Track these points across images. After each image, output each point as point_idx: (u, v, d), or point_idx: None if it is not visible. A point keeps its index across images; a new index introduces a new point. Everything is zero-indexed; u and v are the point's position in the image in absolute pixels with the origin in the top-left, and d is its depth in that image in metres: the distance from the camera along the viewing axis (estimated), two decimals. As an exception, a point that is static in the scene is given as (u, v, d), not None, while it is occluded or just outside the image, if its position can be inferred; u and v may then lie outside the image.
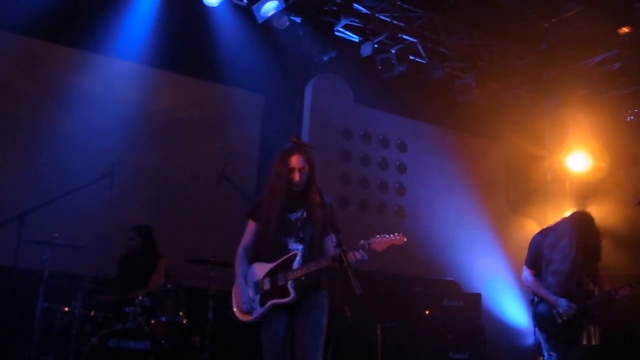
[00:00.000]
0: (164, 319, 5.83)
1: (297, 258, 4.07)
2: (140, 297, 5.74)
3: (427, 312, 7.80)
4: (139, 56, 7.32)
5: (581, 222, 5.29)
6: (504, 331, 9.07)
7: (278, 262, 4.09)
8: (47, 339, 5.59)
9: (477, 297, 8.26)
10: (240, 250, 4.28)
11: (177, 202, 7.48)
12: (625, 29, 7.47)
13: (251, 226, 4.28)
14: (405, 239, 4.14)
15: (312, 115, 8.54)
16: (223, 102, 8.09)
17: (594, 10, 7.26)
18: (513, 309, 9.32)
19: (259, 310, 4.04)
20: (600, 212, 9.31)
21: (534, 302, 5.35)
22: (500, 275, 9.27)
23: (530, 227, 9.38)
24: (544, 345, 5.28)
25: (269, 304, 4.03)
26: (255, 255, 4.25)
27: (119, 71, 7.36)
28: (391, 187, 9.17)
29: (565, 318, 5.11)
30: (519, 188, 10.10)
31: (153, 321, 5.78)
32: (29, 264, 5.62)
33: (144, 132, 7.51)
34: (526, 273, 5.37)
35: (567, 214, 5.53)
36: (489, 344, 7.96)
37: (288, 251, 4.11)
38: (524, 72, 8.99)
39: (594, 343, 5.14)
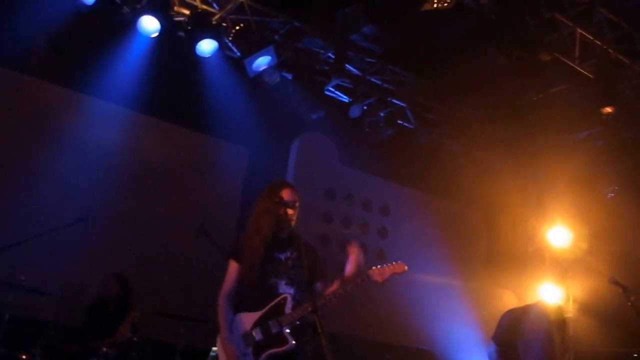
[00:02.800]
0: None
1: (289, 301, 3.83)
2: (105, 349, 5.52)
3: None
4: (127, 100, 7.29)
5: (549, 315, 5.28)
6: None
7: (266, 308, 3.82)
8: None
9: (452, 368, 8.08)
10: (223, 299, 3.88)
11: (152, 252, 7.31)
12: (608, 109, 7.61)
13: (233, 268, 3.93)
14: (405, 267, 4.00)
15: (295, 172, 8.51)
16: (207, 153, 8.05)
17: (580, 89, 7.42)
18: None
19: None
20: (579, 289, 9.36)
21: None
22: (476, 347, 9.11)
23: (508, 299, 9.30)
24: None
25: (264, 355, 3.74)
26: (239, 301, 3.90)
27: (105, 113, 7.30)
28: (371, 251, 9.07)
29: None
30: (499, 258, 10.06)
31: (116, 375, 5.55)
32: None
33: (125, 177, 7.40)
34: (492, 349, 5.34)
35: (536, 301, 5.51)
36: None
37: (277, 294, 3.85)
38: (510, 143, 9.08)
39: None
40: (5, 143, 6.81)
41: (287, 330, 3.77)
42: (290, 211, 3.95)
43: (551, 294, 8.91)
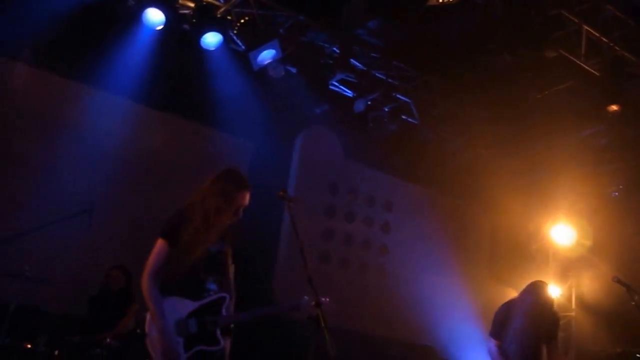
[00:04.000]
0: (130, 364, 5.64)
1: (226, 303, 3.77)
2: (108, 340, 5.55)
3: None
4: (131, 92, 7.26)
5: (536, 297, 5.30)
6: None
7: (205, 302, 3.73)
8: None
9: (453, 364, 8.10)
10: (151, 279, 3.73)
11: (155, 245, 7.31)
12: (614, 107, 7.59)
13: (164, 249, 3.78)
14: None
15: (299, 166, 8.51)
16: (211, 146, 8.04)
17: (585, 86, 7.39)
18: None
19: (183, 356, 3.63)
20: (582, 287, 9.37)
21: None
22: (478, 343, 9.12)
23: (510, 296, 9.28)
24: None
25: (195, 349, 3.65)
26: (166, 284, 3.77)
27: (109, 106, 7.29)
28: (374, 246, 9.08)
29: None
30: (502, 255, 10.07)
31: (119, 366, 5.58)
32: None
33: (128, 169, 7.40)
34: (490, 344, 5.37)
35: (527, 285, 5.51)
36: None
37: (208, 290, 3.75)
38: (514, 140, 9.07)
39: None
40: (9, 135, 6.80)
41: (219, 331, 3.72)
42: (240, 215, 3.89)
43: (553, 292, 8.91)
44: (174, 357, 3.61)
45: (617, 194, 9.09)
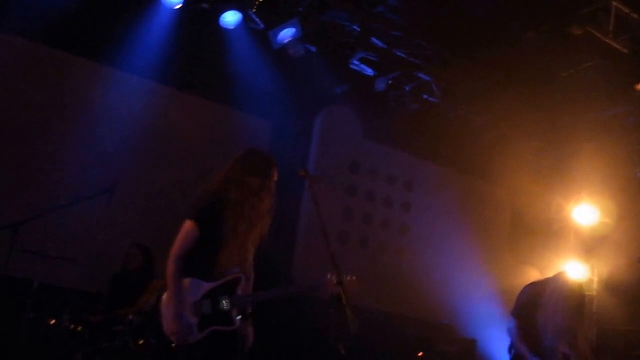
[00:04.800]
0: (152, 340, 5.69)
1: (242, 282, 3.80)
2: (130, 316, 5.62)
3: (420, 355, 7.65)
4: (150, 72, 7.27)
5: (570, 287, 5.26)
6: (498, 380, 8.90)
7: (220, 282, 3.75)
8: (31, 352, 5.46)
9: (472, 343, 8.10)
10: (178, 262, 3.71)
11: (176, 224, 7.36)
12: (641, 85, 7.46)
13: (194, 233, 3.75)
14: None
15: (319, 146, 8.49)
16: (231, 125, 8.04)
17: (612, 64, 7.24)
18: (506, 358, 9.14)
19: (197, 335, 3.69)
20: (604, 267, 9.29)
21: (511, 352, 5.35)
22: (497, 322, 9.10)
23: (532, 275, 9.25)
24: None
25: (209, 329, 3.70)
26: (186, 265, 3.76)
27: (128, 85, 7.30)
28: (394, 225, 9.07)
29: None
30: (522, 235, 10.01)
31: (141, 342, 5.64)
32: (20, 274, 5.51)
33: (149, 149, 7.45)
34: (512, 324, 5.35)
35: (556, 273, 5.48)
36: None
37: (227, 272, 3.79)
38: (537, 119, 8.95)
39: None
40: (31, 115, 6.86)
41: (235, 311, 3.74)
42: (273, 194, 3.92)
43: (575, 272, 8.85)
44: (182, 341, 3.68)
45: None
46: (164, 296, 3.82)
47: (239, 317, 3.81)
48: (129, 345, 5.50)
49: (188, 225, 3.79)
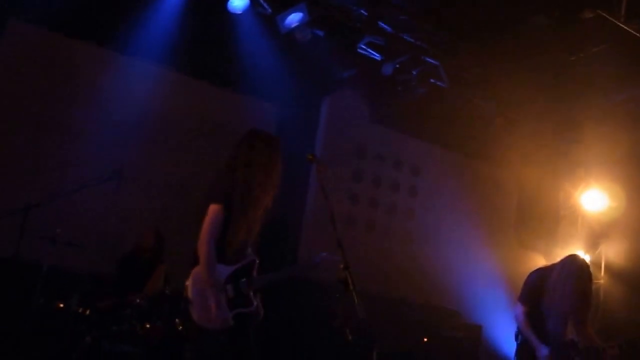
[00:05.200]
0: (159, 324, 5.74)
1: (256, 265, 3.92)
2: (138, 300, 5.66)
3: (425, 340, 7.68)
4: (158, 57, 7.27)
5: (578, 269, 5.24)
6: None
7: (238, 266, 3.86)
8: (40, 335, 5.52)
9: (478, 329, 8.11)
10: (212, 245, 3.76)
11: (183, 208, 7.41)
12: (654, 69, 7.39)
13: (221, 215, 3.79)
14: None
15: (326, 130, 8.48)
16: (238, 110, 8.04)
17: (624, 48, 7.16)
18: (513, 344, 9.16)
19: (226, 319, 3.78)
20: (613, 254, 9.26)
21: (518, 338, 5.38)
22: (503, 308, 9.12)
23: (538, 262, 9.24)
24: None
25: (234, 312, 3.79)
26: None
27: (136, 71, 7.31)
28: (400, 211, 9.06)
29: None
30: (529, 221, 9.98)
31: (148, 325, 5.69)
32: (29, 258, 5.55)
33: (157, 134, 7.46)
34: (519, 310, 5.35)
35: (564, 257, 5.46)
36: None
37: (245, 255, 3.91)
38: (545, 104, 8.89)
39: None
40: (39, 101, 6.89)
41: (254, 293, 3.86)
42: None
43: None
44: (221, 327, 3.73)
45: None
46: (191, 284, 3.83)
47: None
48: (136, 329, 5.56)
49: (216, 208, 3.82)
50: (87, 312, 5.64)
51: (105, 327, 5.53)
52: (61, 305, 5.60)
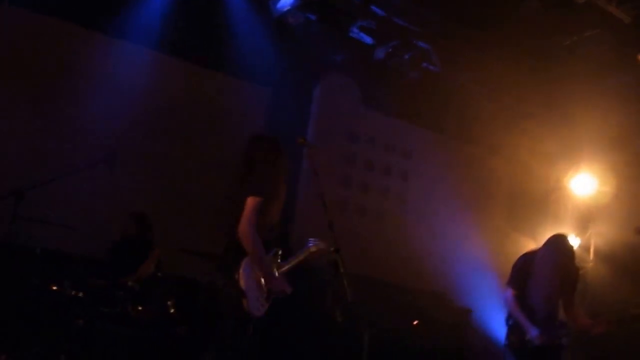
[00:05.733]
0: (151, 306, 5.79)
1: (280, 252, 4.14)
2: (130, 283, 5.70)
3: (416, 323, 7.75)
4: (150, 41, 7.26)
5: (561, 250, 5.32)
6: (492, 349, 9.01)
7: (269, 255, 4.08)
8: (33, 317, 5.55)
9: (468, 312, 8.18)
10: (257, 233, 3.95)
11: (175, 191, 7.42)
12: (643, 56, 7.42)
13: (260, 210, 4.01)
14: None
15: (318, 114, 8.47)
16: (230, 93, 8.02)
17: (614, 34, 7.19)
18: (503, 327, 9.26)
19: (266, 305, 4.00)
20: (601, 238, 9.35)
21: (508, 322, 5.46)
22: (493, 292, 9.20)
23: (528, 246, 9.28)
24: None
25: (271, 298, 4.03)
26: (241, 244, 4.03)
27: (128, 55, 7.28)
28: (392, 194, 9.10)
29: (534, 345, 5.16)
30: (520, 205, 10.04)
31: (140, 308, 5.73)
32: (23, 242, 5.58)
33: (150, 118, 7.44)
34: (508, 293, 5.43)
35: (548, 238, 5.52)
36: (475, 360, 7.92)
37: (268, 243, 4.10)
38: (536, 88, 8.92)
39: None
40: (31, 85, 6.85)
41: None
42: None
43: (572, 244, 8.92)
44: (262, 313, 3.96)
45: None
46: (245, 275, 3.94)
47: None
48: (128, 311, 5.60)
49: (257, 201, 3.97)
50: (80, 294, 5.67)
51: (97, 309, 5.56)
52: (54, 288, 5.62)
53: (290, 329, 7.21)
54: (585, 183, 9.49)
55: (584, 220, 9.52)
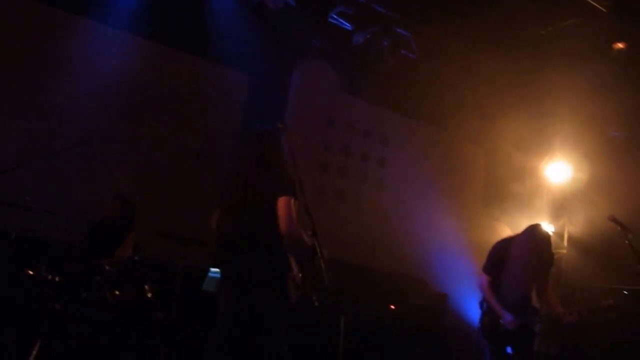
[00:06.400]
0: (128, 290, 5.77)
1: None
2: (107, 267, 5.67)
3: (392, 308, 7.83)
4: (127, 24, 7.18)
5: (537, 237, 5.40)
6: (468, 333, 9.14)
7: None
8: (10, 302, 5.50)
9: (444, 297, 8.27)
10: None
11: (152, 175, 7.39)
12: (619, 45, 7.50)
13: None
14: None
15: (296, 99, 8.46)
16: (208, 78, 7.98)
17: (591, 23, 7.26)
18: (477, 312, 9.38)
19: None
20: (575, 224, 9.50)
21: (482, 307, 5.56)
22: (469, 278, 9.31)
23: (504, 233, 9.43)
24: (485, 350, 5.49)
25: None
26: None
27: (105, 38, 7.21)
28: (369, 180, 9.15)
29: (506, 330, 5.26)
30: (496, 192, 10.15)
31: (117, 292, 5.71)
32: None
33: (126, 101, 7.38)
34: (483, 279, 5.50)
35: (526, 227, 5.61)
36: (451, 345, 8.02)
37: None
38: (513, 78, 8.99)
39: (527, 356, 5.37)
40: (6, 67, 6.74)
41: None
42: None
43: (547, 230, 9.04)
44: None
45: (617, 134, 9.09)
46: (296, 267, 4.17)
47: None
48: (106, 295, 5.57)
49: (294, 202, 4.10)
50: (57, 278, 5.63)
51: (74, 293, 5.53)
52: (30, 272, 5.57)
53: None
54: (559, 171, 9.63)
55: (558, 207, 9.67)
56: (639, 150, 8.67)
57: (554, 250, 5.77)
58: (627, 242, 5.21)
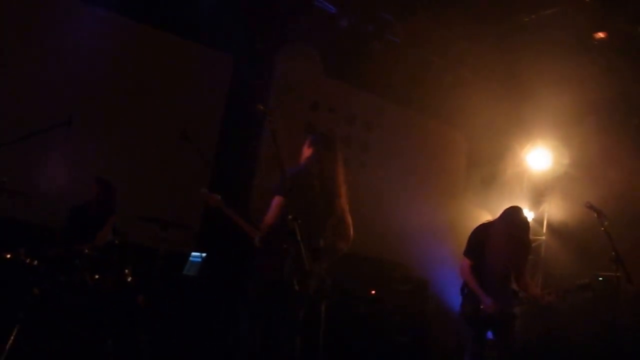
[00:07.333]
0: (109, 275, 5.72)
1: None
2: (86, 251, 5.62)
3: (373, 293, 7.86)
4: (112, 3, 7.10)
5: (515, 221, 5.45)
6: (449, 318, 9.22)
7: None
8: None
9: (425, 283, 8.32)
10: None
11: (134, 157, 7.32)
12: (601, 34, 7.54)
13: None
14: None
15: (280, 82, 8.40)
16: (192, 59, 7.89)
17: (574, 12, 7.28)
18: (458, 297, 9.46)
19: None
20: (554, 212, 9.59)
21: (463, 291, 5.63)
22: (450, 263, 9.37)
23: (483, 217, 9.46)
24: (466, 335, 5.59)
25: None
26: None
27: (87, 17, 7.06)
28: (352, 165, 9.13)
29: (487, 314, 5.31)
30: (477, 179, 10.20)
31: (97, 276, 5.66)
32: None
33: (109, 82, 7.27)
34: (464, 264, 5.55)
35: (503, 210, 5.65)
36: (433, 330, 8.08)
37: None
38: (496, 64, 9.01)
39: (508, 340, 5.45)
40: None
41: None
42: None
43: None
44: None
45: (598, 123, 9.17)
46: None
47: None
48: (86, 279, 5.52)
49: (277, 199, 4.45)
50: (35, 262, 5.57)
51: (54, 277, 5.48)
52: (9, 256, 5.50)
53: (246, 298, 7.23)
54: (540, 158, 9.71)
55: (538, 194, 9.75)
56: (616, 138, 8.74)
57: (532, 237, 5.83)
58: (602, 229, 5.27)
